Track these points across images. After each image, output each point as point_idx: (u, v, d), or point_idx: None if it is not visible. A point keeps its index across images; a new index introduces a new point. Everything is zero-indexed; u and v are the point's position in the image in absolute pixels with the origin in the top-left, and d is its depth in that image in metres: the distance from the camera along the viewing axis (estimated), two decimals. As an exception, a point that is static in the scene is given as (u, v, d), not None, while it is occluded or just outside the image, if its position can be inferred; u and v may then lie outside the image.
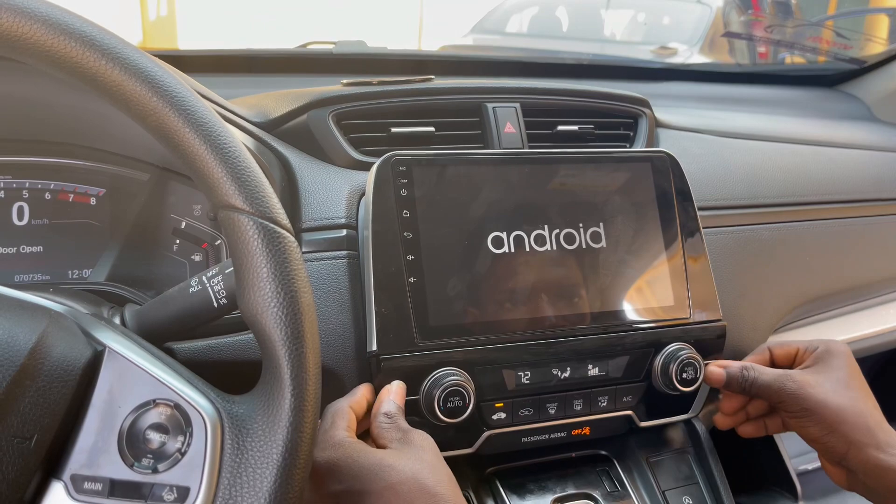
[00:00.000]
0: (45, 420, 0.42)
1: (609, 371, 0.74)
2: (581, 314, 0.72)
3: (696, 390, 0.76)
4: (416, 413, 0.66)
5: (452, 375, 0.66)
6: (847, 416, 0.71)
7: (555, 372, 0.72)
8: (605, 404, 0.75)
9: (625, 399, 0.75)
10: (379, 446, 0.60)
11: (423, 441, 0.60)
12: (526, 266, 0.71)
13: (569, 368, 0.72)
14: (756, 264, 0.88)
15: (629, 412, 0.76)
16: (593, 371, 0.73)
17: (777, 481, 0.92)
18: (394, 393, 0.64)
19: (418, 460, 0.57)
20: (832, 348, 0.77)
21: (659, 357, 0.75)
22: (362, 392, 0.65)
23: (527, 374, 0.71)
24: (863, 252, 1.00)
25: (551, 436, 0.74)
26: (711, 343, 0.78)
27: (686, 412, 0.79)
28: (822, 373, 0.75)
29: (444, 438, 0.68)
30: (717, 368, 0.76)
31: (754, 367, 0.75)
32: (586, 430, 0.76)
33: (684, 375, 0.74)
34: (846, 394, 0.73)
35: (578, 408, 0.74)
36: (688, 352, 0.74)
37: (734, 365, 0.76)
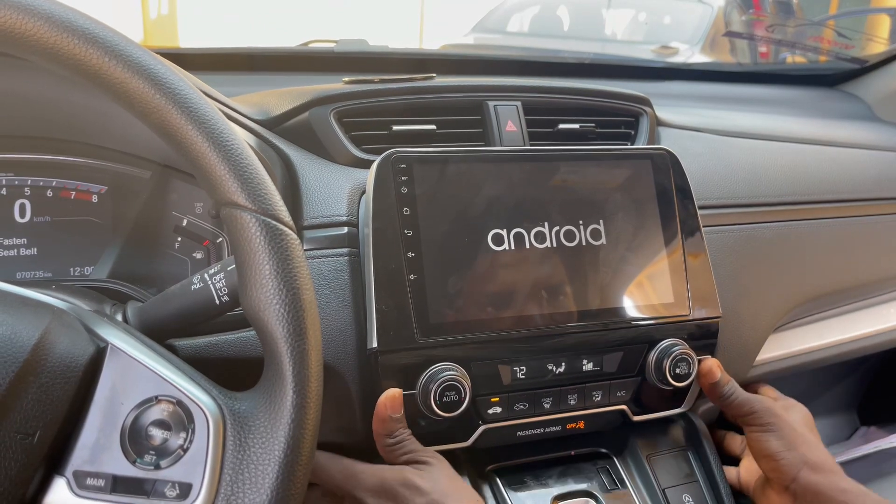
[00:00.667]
0: (48, 416, 0.42)
1: (603, 366, 0.74)
2: (579, 311, 0.73)
3: (689, 385, 0.76)
4: (413, 407, 0.67)
5: (449, 371, 0.66)
6: (807, 440, 0.75)
7: (550, 367, 0.72)
8: (598, 399, 0.75)
9: (618, 394, 0.76)
10: (390, 462, 0.65)
11: (436, 461, 0.64)
12: (526, 263, 0.72)
13: (563, 363, 0.73)
14: (757, 263, 0.88)
15: (623, 406, 0.76)
16: (588, 366, 0.74)
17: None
18: (390, 409, 0.65)
19: (440, 483, 0.62)
20: (797, 403, 0.87)
21: (653, 353, 0.76)
22: None
23: (522, 370, 0.71)
24: (863, 251, 1.00)
25: (546, 430, 0.75)
26: (705, 339, 0.78)
27: (679, 406, 0.80)
28: (788, 409, 0.85)
29: (441, 432, 0.69)
30: (716, 368, 0.77)
31: (736, 385, 0.78)
32: (581, 424, 0.76)
33: (678, 371, 0.74)
34: (807, 430, 0.81)
35: (573, 402, 0.74)
36: (681, 348, 0.75)
37: (724, 376, 0.77)
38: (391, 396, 0.65)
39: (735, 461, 0.86)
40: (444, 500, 0.60)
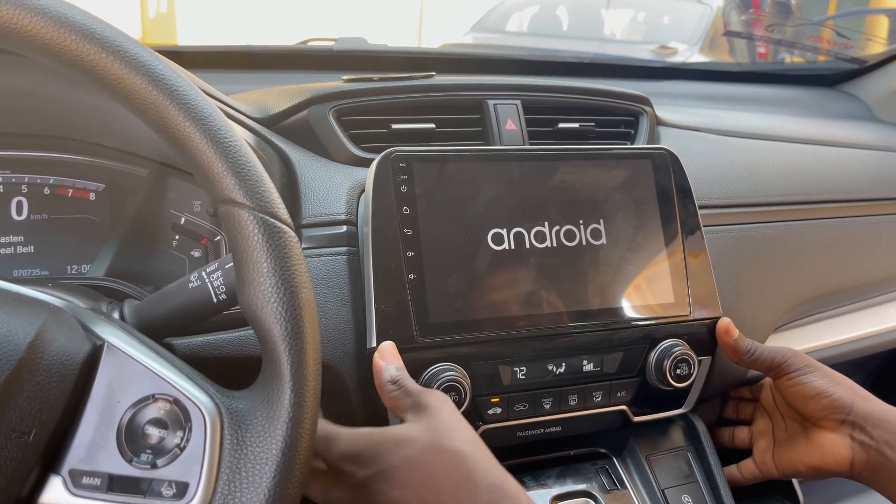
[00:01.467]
0: (44, 414, 0.42)
1: (603, 366, 0.74)
2: (580, 311, 0.72)
3: (690, 386, 0.76)
4: None
5: (449, 371, 0.66)
6: (844, 377, 0.76)
7: (550, 367, 0.72)
8: (599, 399, 0.75)
9: (619, 394, 0.76)
10: (397, 416, 0.60)
11: (437, 402, 0.58)
12: (526, 263, 0.71)
13: (564, 364, 0.72)
14: (757, 263, 0.88)
15: (623, 407, 0.76)
16: (588, 366, 0.74)
17: (779, 488, 0.91)
18: (388, 356, 0.63)
19: (434, 427, 0.55)
20: None
21: (653, 353, 0.75)
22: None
23: (522, 370, 0.71)
24: (863, 251, 1.00)
25: (546, 430, 0.74)
26: (705, 339, 0.78)
27: (680, 407, 0.80)
28: None
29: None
30: (733, 326, 0.77)
31: (755, 342, 0.78)
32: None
33: (678, 371, 0.74)
34: None
35: (573, 403, 0.74)
36: (682, 348, 0.75)
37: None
38: (389, 345, 0.63)
39: (737, 459, 0.86)
40: (386, 475, 0.54)
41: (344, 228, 0.71)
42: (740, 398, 0.89)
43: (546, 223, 0.73)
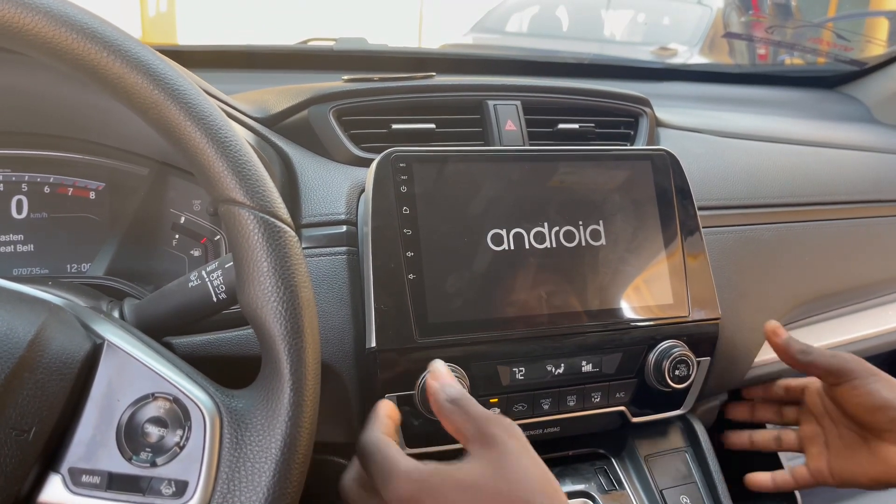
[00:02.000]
0: (44, 413, 0.42)
1: (602, 367, 0.74)
2: (579, 311, 0.73)
3: (689, 387, 0.76)
4: (411, 408, 0.66)
5: None
6: None
7: (549, 368, 0.72)
8: (598, 400, 0.75)
9: (618, 395, 0.76)
10: (458, 441, 0.54)
11: (504, 433, 0.52)
12: (525, 263, 0.71)
13: (563, 364, 0.72)
14: (756, 264, 0.88)
15: (622, 408, 0.76)
16: (587, 367, 0.74)
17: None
18: (442, 376, 0.57)
19: (501, 467, 0.50)
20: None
21: (652, 354, 0.75)
22: (385, 413, 0.58)
23: (521, 370, 0.71)
24: (863, 253, 1.00)
25: (545, 430, 0.74)
26: (704, 341, 0.78)
27: (678, 408, 0.80)
28: None
29: (438, 433, 0.68)
30: (780, 327, 0.76)
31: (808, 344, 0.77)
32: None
33: (677, 372, 0.74)
34: None
35: (572, 403, 0.74)
36: (680, 349, 0.75)
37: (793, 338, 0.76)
38: (436, 370, 0.59)
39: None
40: None
41: (344, 228, 0.71)
42: (769, 399, 0.87)
43: (545, 224, 0.73)
